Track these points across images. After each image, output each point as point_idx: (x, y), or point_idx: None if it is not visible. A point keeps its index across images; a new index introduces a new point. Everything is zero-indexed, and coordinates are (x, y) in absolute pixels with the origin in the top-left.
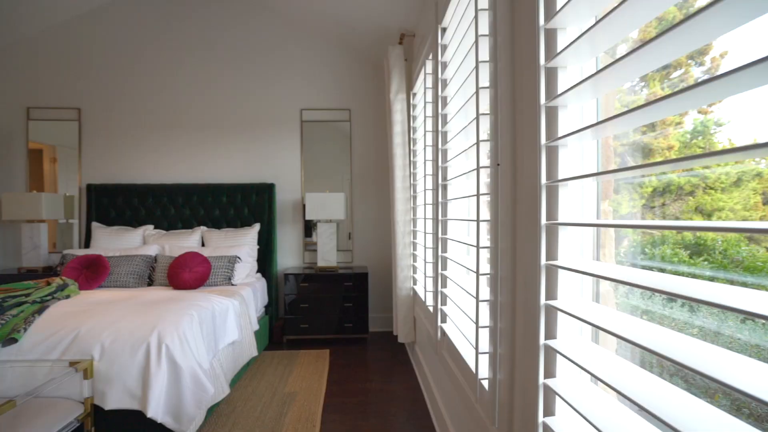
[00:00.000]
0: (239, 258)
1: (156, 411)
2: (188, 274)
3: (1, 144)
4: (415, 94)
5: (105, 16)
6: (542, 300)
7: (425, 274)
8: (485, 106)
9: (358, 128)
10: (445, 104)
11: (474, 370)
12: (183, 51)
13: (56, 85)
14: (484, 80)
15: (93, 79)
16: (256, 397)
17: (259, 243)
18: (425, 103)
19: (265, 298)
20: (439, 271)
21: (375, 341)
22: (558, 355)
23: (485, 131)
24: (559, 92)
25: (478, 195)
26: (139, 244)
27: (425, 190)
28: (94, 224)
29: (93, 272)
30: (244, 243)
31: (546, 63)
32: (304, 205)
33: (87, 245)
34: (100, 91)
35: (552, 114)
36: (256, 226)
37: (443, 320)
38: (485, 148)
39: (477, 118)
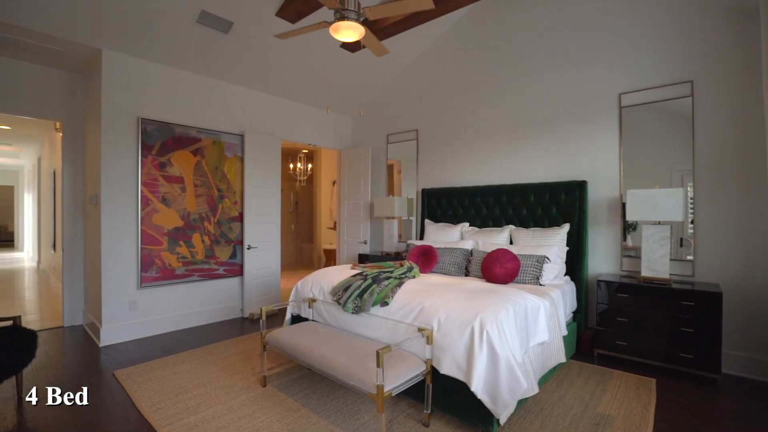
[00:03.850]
0: (548, 258)
1: (477, 387)
2: (500, 269)
3: (374, 164)
4: None
5: (431, 55)
6: None
7: None
8: None
9: (706, 104)
10: None
11: None
12: (491, 65)
13: (404, 115)
14: None
15: (426, 104)
16: (564, 405)
17: (568, 244)
18: None
19: (574, 304)
20: None
21: (730, 387)
22: None
23: None
24: None
25: None
26: (457, 239)
27: None
28: (426, 221)
29: (427, 259)
30: (552, 243)
31: None
32: (623, 204)
33: (421, 237)
34: (431, 113)
35: None
36: (566, 227)
37: None
38: None
39: None
